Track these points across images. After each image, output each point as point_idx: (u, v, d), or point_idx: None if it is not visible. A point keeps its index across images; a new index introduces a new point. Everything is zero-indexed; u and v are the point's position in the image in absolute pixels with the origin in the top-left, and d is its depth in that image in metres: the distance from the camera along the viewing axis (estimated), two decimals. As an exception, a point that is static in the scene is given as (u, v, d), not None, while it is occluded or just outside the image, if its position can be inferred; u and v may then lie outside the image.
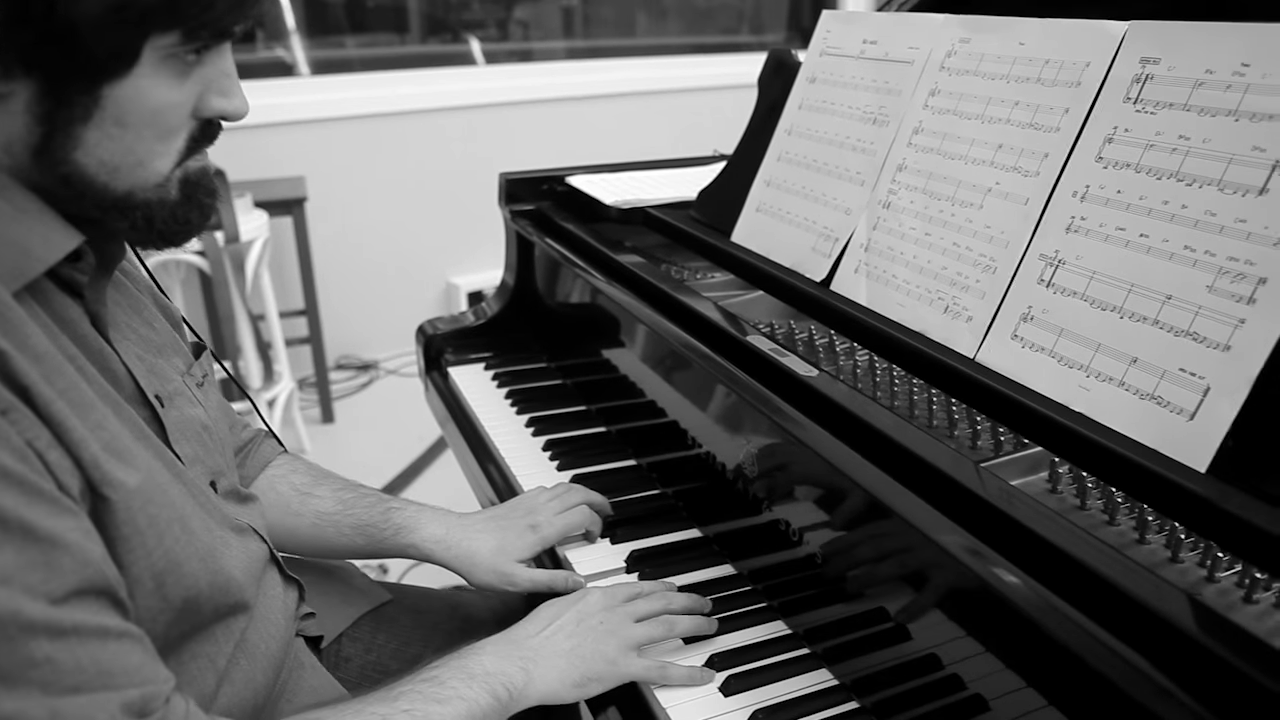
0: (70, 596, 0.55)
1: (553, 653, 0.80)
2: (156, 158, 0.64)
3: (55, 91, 0.58)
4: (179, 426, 0.75)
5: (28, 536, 0.54)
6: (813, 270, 1.07)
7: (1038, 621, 0.62)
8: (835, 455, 0.80)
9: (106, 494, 0.62)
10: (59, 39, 0.56)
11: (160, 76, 0.61)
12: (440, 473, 2.56)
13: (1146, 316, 0.73)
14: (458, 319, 1.54)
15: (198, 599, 0.70)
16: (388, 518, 0.99)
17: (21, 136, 0.60)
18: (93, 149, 0.61)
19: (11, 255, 0.60)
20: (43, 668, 0.53)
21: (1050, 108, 0.86)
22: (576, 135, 3.42)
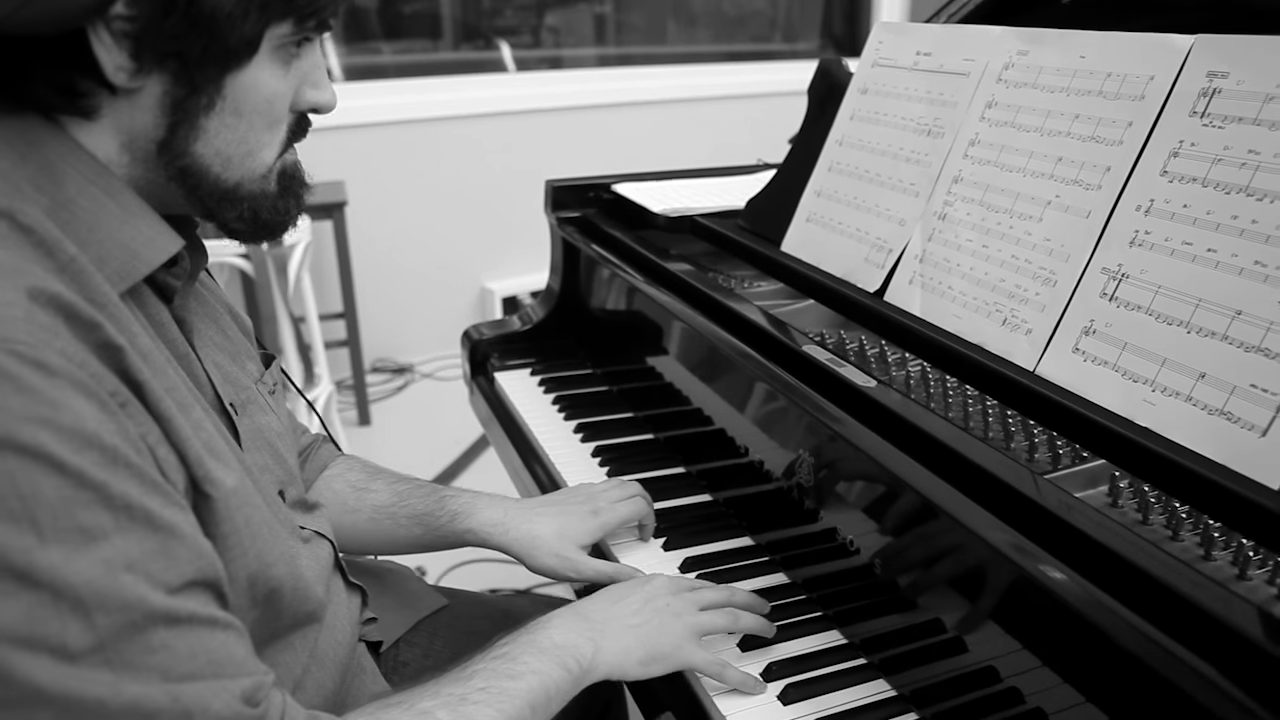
0: (185, 587, 0.57)
1: (620, 628, 0.80)
2: (264, 148, 0.67)
3: (187, 81, 0.61)
4: (250, 435, 0.77)
5: (150, 525, 0.55)
6: (866, 281, 1.08)
7: (1098, 631, 0.62)
8: (893, 463, 0.81)
9: (208, 492, 0.64)
10: (199, 27, 0.59)
11: (271, 66, 0.65)
12: (477, 476, 2.58)
13: (1215, 332, 0.73)
14: (502, 324, 1.55)
15: (280, 602, 0.72)
16: (443, 505, 1.00)
17: (146, 132, 0.63)
18: (211, 139, 0.64)
19: (120, 257, 0.62)
20: (160, 654, 0.54)
21: (1113, 121, 0.86)
22: (608, 142, 3.44)
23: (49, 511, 0.51)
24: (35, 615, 0.50)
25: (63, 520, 0.51)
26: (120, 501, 0.54)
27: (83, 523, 0.52)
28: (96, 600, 0.51)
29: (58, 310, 0.54)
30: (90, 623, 0.51)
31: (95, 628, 0.51)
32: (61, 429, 0.51)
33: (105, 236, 0.61)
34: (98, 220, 0.61)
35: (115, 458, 0.54)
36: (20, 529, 0.50)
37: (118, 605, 0.52)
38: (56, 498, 0.51)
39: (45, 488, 0.50)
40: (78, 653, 0.51)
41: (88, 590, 0.51)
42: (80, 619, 0.51)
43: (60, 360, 0.53)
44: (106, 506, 0.53)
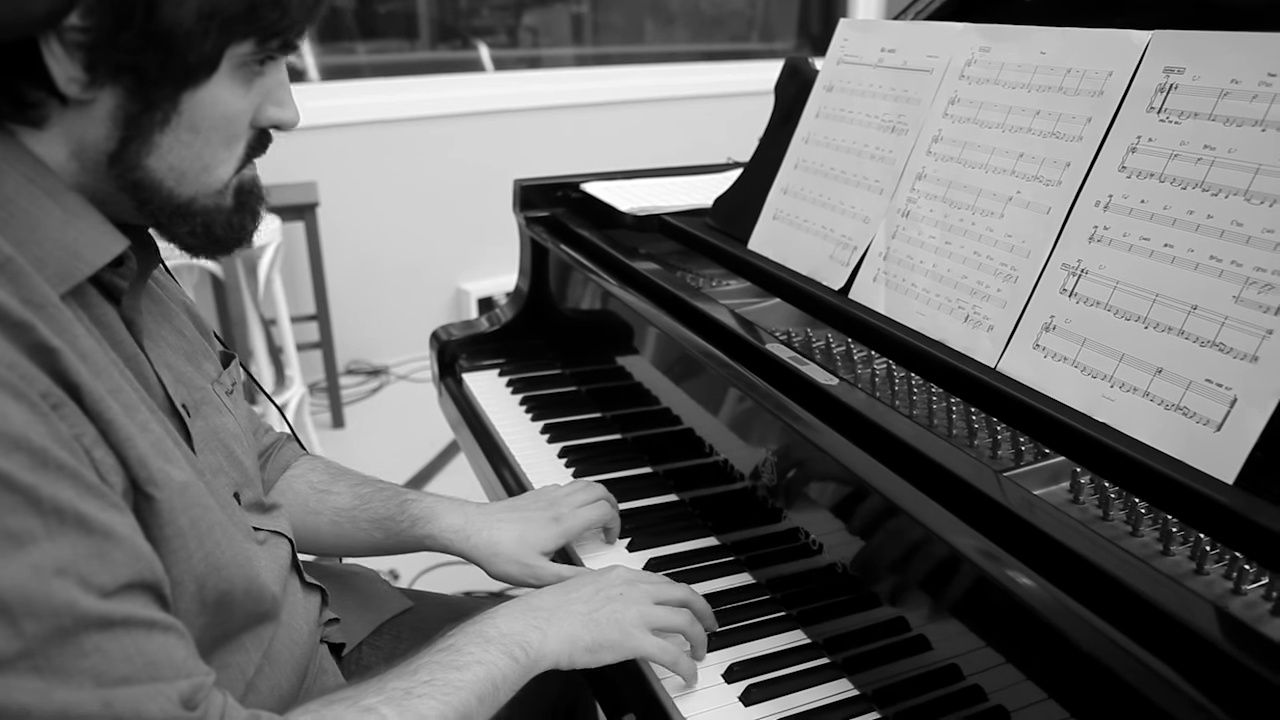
0: (121, 589, 0.56)
1: (568, 614, 0.79)
2: (220, 164, 0.66)
3: (142, 96, 0.60)
4: (205, 436, 0.75)
5: (83, 528, 0.54)
6: (831, 278, 1.07)
7: (1059, 630, 0.62)
8: (855, 463, 0.80)
9: (151, 493, 0.62)
10: (156, 44, 0.58)
11: (231, 84, 0.63)
12: (451, 479, 2.57)
13: (1171, 327, 0.73)
14: (471, 325, 1.54)
15: (231, 605, 0.71)
16: (404, 509, 0.98)
17: (97, 143, 0.61)
18: (165, 154, 0.63)
19: (61, 258, 0.60)
20: (93, 658, 0.53)
21: (1072, 117, 0.86)
22: (586, 142, 3.43)
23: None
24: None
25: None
26: (50, 505, 0.52)
27: (10, 527, 0.50)
28: (24, 606, 0.50)
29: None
30: (18, 629, 0.50)
31: (23, 634, 0.50)
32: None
33: (44, 237, 0.60)
34: (37, 220, 0.60)
35: (45, 460, 0.53)
36: None
37: (46, 611, 0.51)
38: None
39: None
40: (4, 660, 0.50)
41: (15, 595, 0.50)
42: (6, 626, 0.50)
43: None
44: (35, 510, 0.52)
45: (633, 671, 0.85)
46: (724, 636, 0.89)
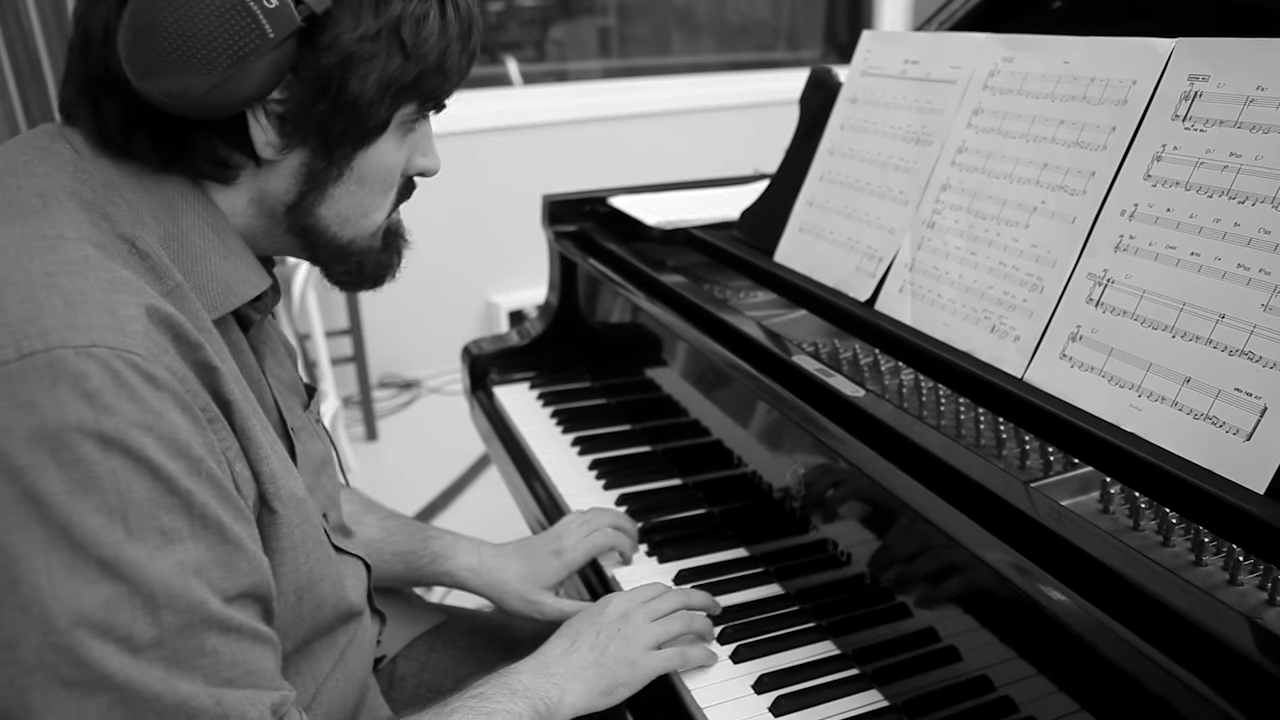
0: (239, 597, 0.60)
1: (579, 668, 0.83)
2: (377, 210, 0.75)
3: (325, 156, 0.69)
4: (304, 460, 0.80)
5: (220, 535, 0.59)
6: (857, 290, 1.08)
7: (1089, 642, 0.62)
8: (883, 475, 0.80)
9: (275, 507, 0.68)
10: (342, 112, 0.67)
11: (394, 141, 0.72)
12: (483, 491, 2.58)
13: (1200, 335, 0.73)
14: (502, 339, 1.56)
15: (321, 614, 0.76)
16: (425, 545, 1.03)
17: (278, 194, 0.70)
18: (335, 204, 0.72)
19: (217, 289, 0.68)
20: (209, 658, 0.57)
21: (1096, 126, 0.86)
22: (614, 154, 3.45)
23: (139, 510, 0.55)
24: (112, 605, 0.53)
25: (149, 520, 0.55)
26: (199, 510, 0.58)
27: (164, 525, 0.56)
28: (166, 598, 0.55)
29: (169, 330, 0.60)
30: (157, 619, 0.55)
31: (160, 624, 0.55)
32: (161, 436, 0.56)
33: (207, 269, 0.68)
34: (203, 253, 0.68)
35: (200, 469, 0.58)
36: (113, 522, 0.54)
37: (183, 606, 0.56)
38: (147, 498, 0.55)
39: (139, 488, 0.55)
40: (141, 645, 0.54)
41: (160, 588, 0.55)
42: (149, 614, 0.54)
43: (167, 375, 0.57)
44: (186, 513, 0.57)
45: (663, 689, 0.86)
46: (754, 647, 0.89)
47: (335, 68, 0.65)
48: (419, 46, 0.67)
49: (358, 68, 0.65)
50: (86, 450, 0.53)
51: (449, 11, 0.69)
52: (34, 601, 0.52)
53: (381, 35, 0.65)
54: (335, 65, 0.65)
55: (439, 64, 0.69)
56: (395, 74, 0.67)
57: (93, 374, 0.54)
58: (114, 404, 0.54)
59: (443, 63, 0.70)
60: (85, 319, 0.55)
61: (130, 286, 0.59)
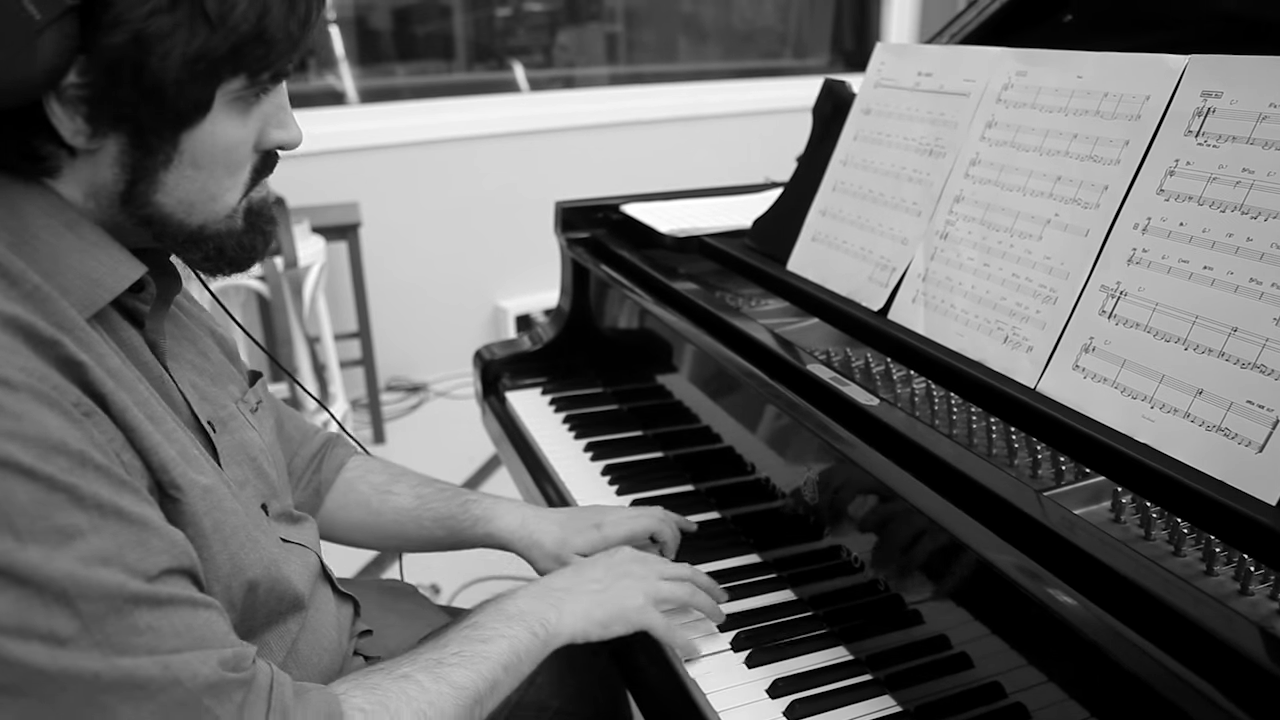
0: (163, 574, 0.60)
1: (581, 592, 0.85)
2: (226, 192, 0.70)
3: (142, 143, 0.64)
4: (230, 451, 0.79)
5: (121, 519, 0.59)
6: (870, 299, 1.09)
7: (1101, 648, 0.63)
8: (896, 481, 0.82)
9: (175, 495, 0.67)
10: (148, 95, 0.61)
11: (228, 117, 0.66)
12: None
13: (1212, 348, 0.74)
14: (514, 344, 1.57)
15: (255, 601, 0.75)
16: (466, 509, 1.04)
17: (108, 185, 0.65)
18: (172, 190, 0.67)
19: (82, 286, 0.65)
20: (146, 635, 0.58)
21: (1110, 140, 0.87)
22: (621, 160, 3.46)
23: (24, 515, 0.54)
24: (23, 608, 0.53)
25: (39, 522, 0.54)
26: (91, 501, 0.57)
27: (58, 523, 0.55)
28: (77, 591, 0.55)
29: (16, 331, 0.58)
30: (74, 611, 0.55)
31: (80, 615, 0.55)
32: (27, 439, 0.55)
33: (66, 267, 0.64)
34: (58, 252, 0.64)
35: (83, 460, 0.57)
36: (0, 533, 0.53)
37: (98, 594, 0.56)
38: (29, 501, 0.54)
39: (18, 494, 0.54)
40: (67, 638, 0.54)
41: (69, 583, 0.55)
42: (64, 608, 0.54)
43: (20, 375, 0.56)
44: (78, 506, 0.56)
45: (676, 691, 0.87)
46: (768, 652, 0.90)
47: (128, 47, 0.59)
48: (227, 16, 0.61)
49: (154, 46, 0.59)
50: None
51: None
52: None
53: (179, 6, 0.59)
54: (127, 44, 0.59)
55: (257, 33, 0.62)
56: (201, 49, 0.61)
57: None
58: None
59: (262, 31, 0.63)
60: None
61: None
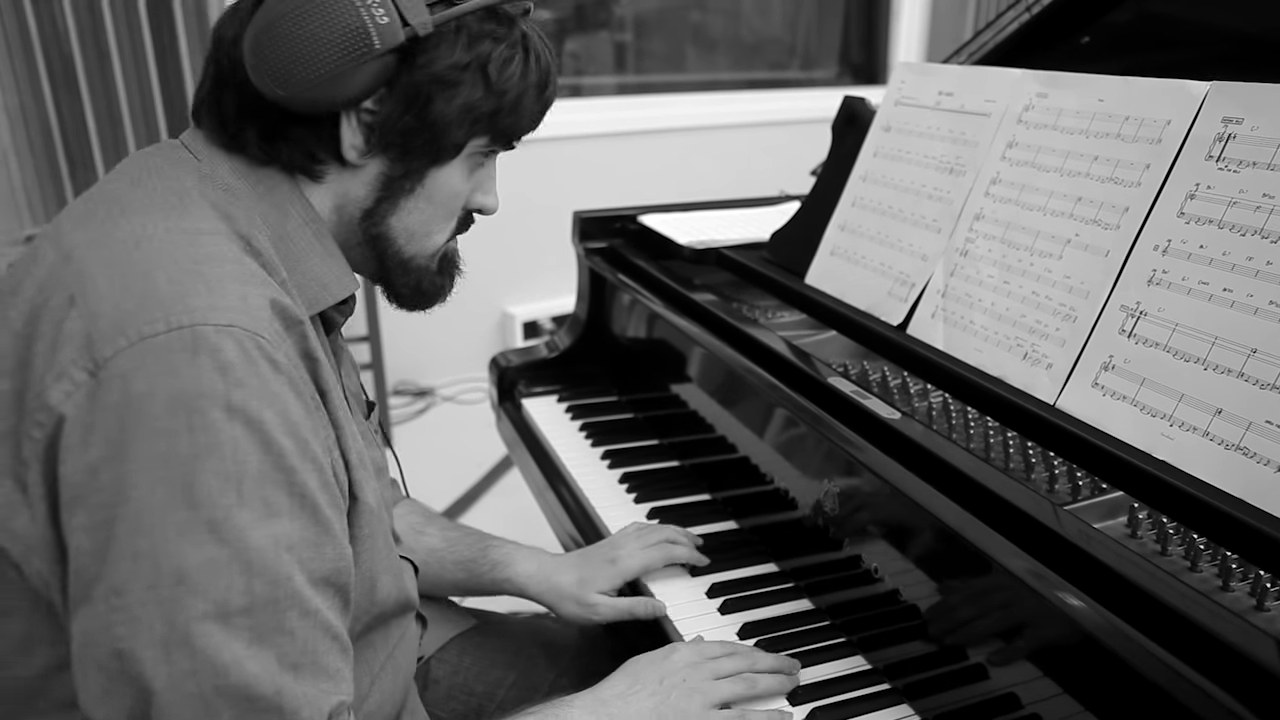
0: (322, 581, 0.64)
1: (636, 711, 0.82)
2: (439, 232, 0.81)
3: (399, 168, 0.75)
4: (370, 464, 0.82)
5: (314, 517, 0.63)
6: (889, 314, 1.11)
7: (1120, 658, 0.64)
8: (916, 493, 0.83)
9: (359, 495, 0.73)
10: (424, 128, 0.74)
11: (461, 169, 0.78)
12: (498, 499, 2.61)
13: (1231, 369, 0.76)
14: (530, 352, 1.58)
15: (386, 604, 0.80)
16: (485, 554, 1.06)
17: (358, 200, 0.77)
18: (404, 216, 0.78)
19: (313, 288, 0.75)
20: (285, 637, 0.60)
21: (1130, 163, 0.89)
22: (628, 170, 3.48)
23: (251, 480, 0.59)
24: (214, 568, 0.58)
25: (257, 490, 0.59)
26: (299, 489, 0.62)
27: (269, 497, 0.60)
28: (260, 567, 0.59)
29: (285, 320, 0.66)
30: (250, 587, 0.58)
31: (252, 592, 0.58)
32: (279, 413, 0.61)
33: (306, 269, 0.74)
34: (305, 254, 0.74)
35: (307, 450, 0.63)
36: (228, 486, 0.58)
37: (272, 578, 0.59)
38: (258, 470, 0.59)
39: (253, 458, 0.59)
40: (232, 611, 0.58)
41: (257, 557, 0.59)
42: (245, 580, 0.58)
43: (285, 360, 0.63)
44: (289, 490, 0.61)
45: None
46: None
47: (426, 85, 0.72)
48: (501, 84, 0.75)
49: (445, 90, 0.73)
50: (215, 417, 0.58)
51: (531, 61, 0.77)
52: (147, 553, 0.57)
53: (471, 66, 0.73)
54: (426, 83, 0.72)
55: (515, 104, 0.77)
56: (476, 103, 0.74)
57: (228, 349, 0.59)
58: (244, 378, 0.59)
59: (518, 104, 0.77)
60: (224, 302, 0.61)
61: (258, 279, 0.66)
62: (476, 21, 0.73)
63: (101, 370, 0.58)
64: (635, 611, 1.00)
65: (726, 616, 0.99)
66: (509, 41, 0.75)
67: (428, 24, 0.70)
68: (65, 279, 0.63)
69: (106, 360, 0.58)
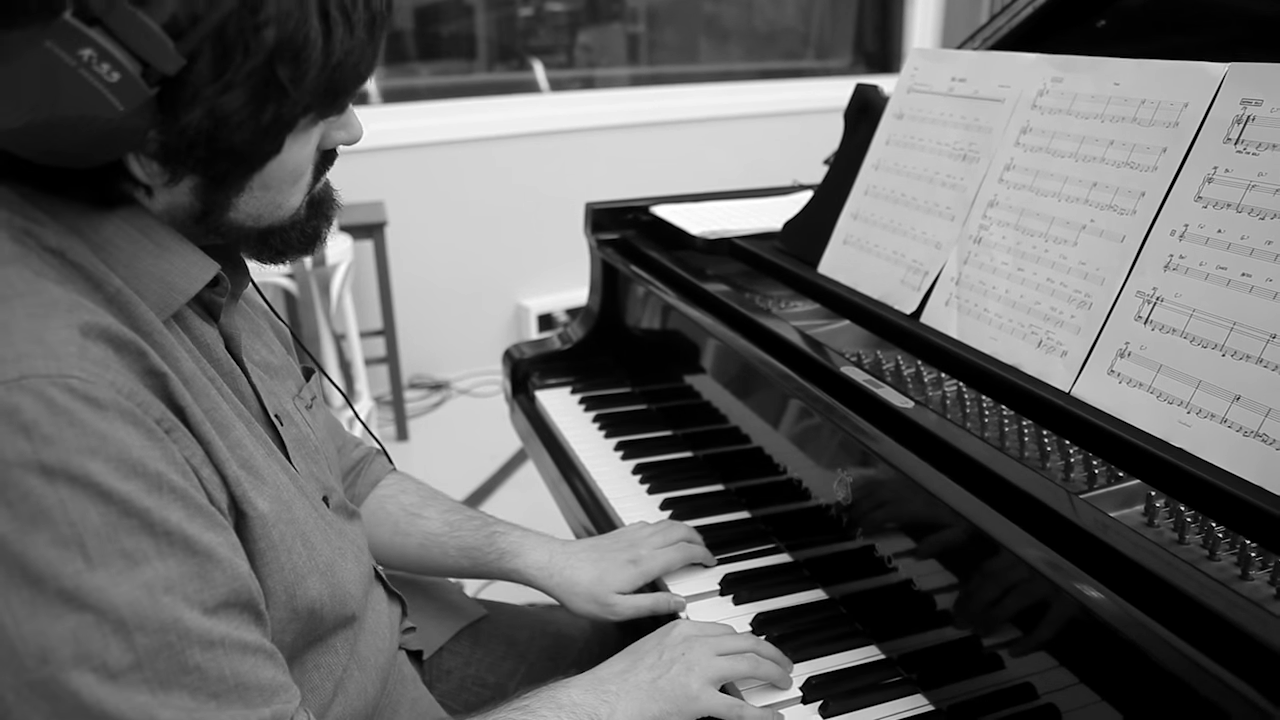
0: (220, 608, 0.60)
1: (634, 686, 0.81)
2: (290, 198, 0.71)
3: (215, 183, 0.65)
4: (294, 445, 0.80)
5: (188, 549, 0.59)
6: (902, 303, 1.10)
7: (1138, 649, 0.63)
8: (930, 482, 0.82)
9: (246, 510, 0.67)
10: (221, 155, 0.62)
11: (295, 144, 0.67)
12: (513, 492, 2.62)
13: (1249, 355, 0.74)
14: (543, 344, 1.58)
15: (320, 610, 0.75)
16: (492, 542, 1.03)
17: (185, 207, 0.67)
18: (243, 208, 0.68)
19: (158, 289, 0.66)
20: (192, 675, 0.57)
21: (1147, 147, 0.88)
22: (641, 161, 3.48)
23: (95, 537, 0.54)
24: (81, 635, 0.53)
25: (108, 545, 0.54)
26: (161, 527, 0.57)
27: (126, 548, 0.55)
28: (137, 621, 0.55)
29: (108, 342, 0.58)
30: (131, 643, 0.55)
31: (135, 647, 0.55)
32: (109, 459, 0.55)
33: (143, 270, 0.65)
34: (133, 256, 0.65)
35: (159, 484, 0.58)
36: (69, 553, 0.53)
37: (156, 626, 0.56)
38: (102, 524, 0.54)
39: (92, 515, 0.54)
40: (119, 670, 0.54)
41: (129, 611, 0.55)
42: (122, 639, 0.54)
43: (110, 393, 0.56)
44: (148, 532, 0.56)
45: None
46: (799, 651, 0.91)
47: (203, 122, 0.59)
48: (299, 81, 0.60)
49: (229, 119, 0.59)
50: (31, 484, 0.52)
51: (337, 26, 0.60)
52: (1, 642, 0.53)
53: (252, 78, 0.58)
54: (202, 118, 0.59)
55: (329, 88, 0.63)
56: (275, 114, 0.61)
57: (26, 407, 0.53)
58: (53, 433, 0.53)
59: (334, 83, 0.63)
60: (12, 351, 0.54)
61: (61, 306, 0.57)
62: (240, 15, 0.56)
63: None
64: (656, 609, 0.97)
65: (740, 607, 0.99)
66: (297, 18, 0.58)
67: (173, 56, 0.55)
68: None
69: None
